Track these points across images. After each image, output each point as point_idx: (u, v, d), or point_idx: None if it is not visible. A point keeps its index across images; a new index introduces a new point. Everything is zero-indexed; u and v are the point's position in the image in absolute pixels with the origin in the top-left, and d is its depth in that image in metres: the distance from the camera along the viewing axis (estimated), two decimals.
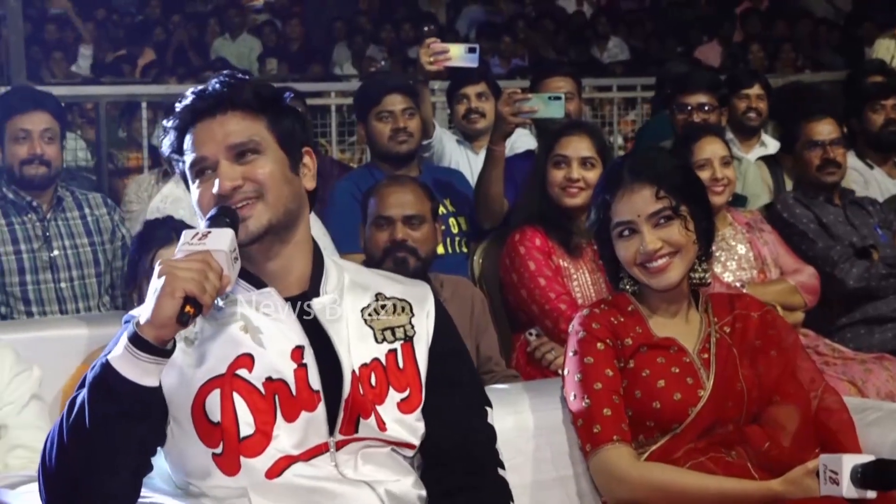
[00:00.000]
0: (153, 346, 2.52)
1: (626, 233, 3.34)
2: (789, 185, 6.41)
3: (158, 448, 2.73)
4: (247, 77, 2.86)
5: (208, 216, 2.65)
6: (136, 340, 2.52)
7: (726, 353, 3.38)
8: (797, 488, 3.10)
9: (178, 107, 2.80)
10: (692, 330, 3.43)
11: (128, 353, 2.53)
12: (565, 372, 3.41)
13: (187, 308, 2.49)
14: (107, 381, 2.54)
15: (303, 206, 2.83)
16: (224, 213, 2.66)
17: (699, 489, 3.19)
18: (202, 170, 2.74)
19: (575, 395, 3.34)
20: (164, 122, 2.84)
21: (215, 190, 2.70)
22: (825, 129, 5.76)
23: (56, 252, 5.16)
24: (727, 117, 7.02)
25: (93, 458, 2.55)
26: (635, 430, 3.31)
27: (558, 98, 5.34)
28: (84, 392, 2.57)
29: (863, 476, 2.99)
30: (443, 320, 2.95)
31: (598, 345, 3.35)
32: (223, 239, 2.57)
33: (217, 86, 2.78)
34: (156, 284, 2.50)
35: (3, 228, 5.14)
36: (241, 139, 2.74)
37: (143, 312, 2.53)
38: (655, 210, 3.32)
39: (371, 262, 4.51)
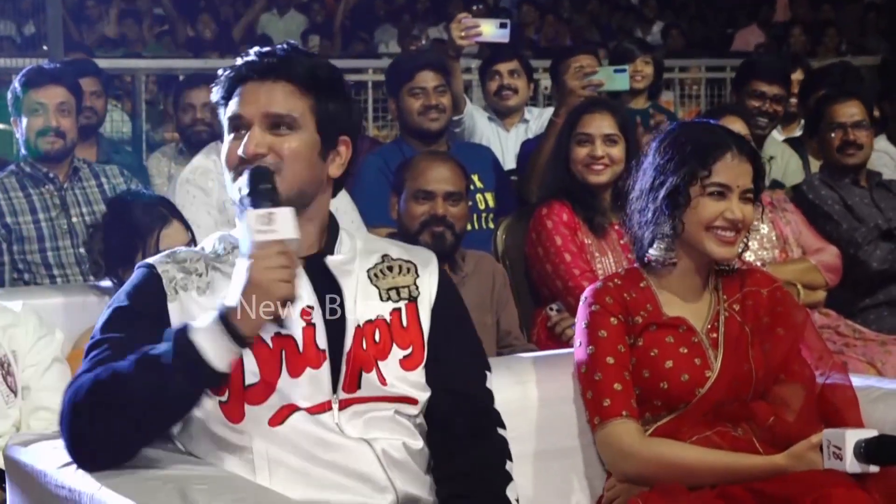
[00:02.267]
0: (238, 334, 2.58)
1: (717, 195, 3.35)
2: (815, 166, 6.42)
3: None
4: (311, 52, 2.92)
5: (249, 185, 2.65)
6: (224, 323, 2.58)
7: (736, 333, 3.40)
8: (801, 462, 3.13)
9: (239, 61, 2.86)
10: (702, 308, 3.44)
11: (216, 326, 2.59)
12: (576, 343, 3.43)
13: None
14: (183, 355, 2.59)
15: (320, 191, 2.87)
16: (261, 179, 2.67)
17: (704, 464, 3.21)
18: (237, 126, 2.81)
19: (586, 368, 3.36)
20: (221, 70, 2.89)
21: (240, 151, 2.77)
22: (848, 112, 5.73)
23: (74, 219, 5.26)
24: None
25: (130, 417, 2.62)
26: (642, 408, 3.34)
27: (623, 70, 5.52)
28: (157, 359, 2.61)
29: (866, 451, 3.02)
30: (446, 284, 3.02)
31: (612, 319, 3.37)
32: (288, 222, 2.59)
33: (279, 52, 2.84)
34: (245, 289, 2.55)
35: (21, 200, 5.24)
36: (280, 110, 2.79)
37: (234, 305, 2.58)
38: (748, 188, 3.36)
39: (406, 235, 4.53)
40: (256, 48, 2.88)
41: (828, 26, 13.20)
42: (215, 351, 2.58)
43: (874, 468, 3.04)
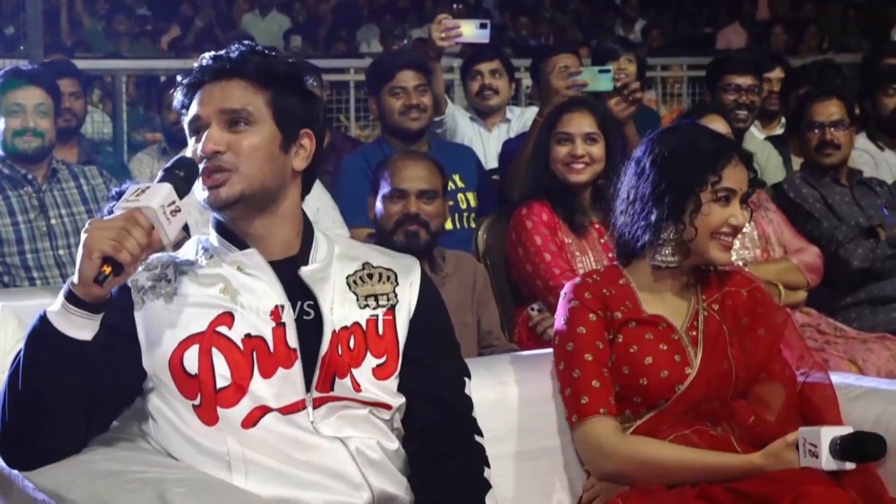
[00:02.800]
0: (84, 302, 2.61)
1: (724, 200, 3.35)
2: (797, 164, 6.43)
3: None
4: (265, 50, 2.91)
5: (164, 167, 2.71)
6: (70, 297, 2.62)
7: (715, 332, 3.39)
8: (777, 461, 3.14)
9: (194, 66, 2.87)
10: (681, 307, 3.44)
11: (62, 308, 2.63)
12: (555, 340, 3.43)
13: (104, 268, 2.55)
14: (41, 332, 2.64)
15: (285, 184, 2.86)
16: (180, 166, 2.71)
17: (681, 462, 3.22)
18: (197, 128, 2.82)
19: (564, 365, 3.36)
20: (179, 77, 2.91)
21: (199, 150, 2.78)
22: (827, 111, 5.73)
23: (53, 221, 5.25)
24: None
25: (33, 404, 2.66)
26: (622, 405, 3.33)
27: (607, 71, 5.53)
28: (23, 342, 2.68)
29: (841, 448, 3.04)
30: (427, 292, 3.01)
31: (591, 315, 3.36)
32: (157, 194, 2.61)
33: (232, 53, 2.85)
34: (81, 248, 2.59)
35: None
36: (235, 106, 2.79)
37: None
38: (746, 192, 3.39)
39: (381, 235, 4.57)
40: (211, 52, 2.89)
41: (809, 24, 13.24)
42: (69, 325, 2.62)
43: (850, 465, 3.06)
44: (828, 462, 3.05)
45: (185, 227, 4.13)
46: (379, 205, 4.61)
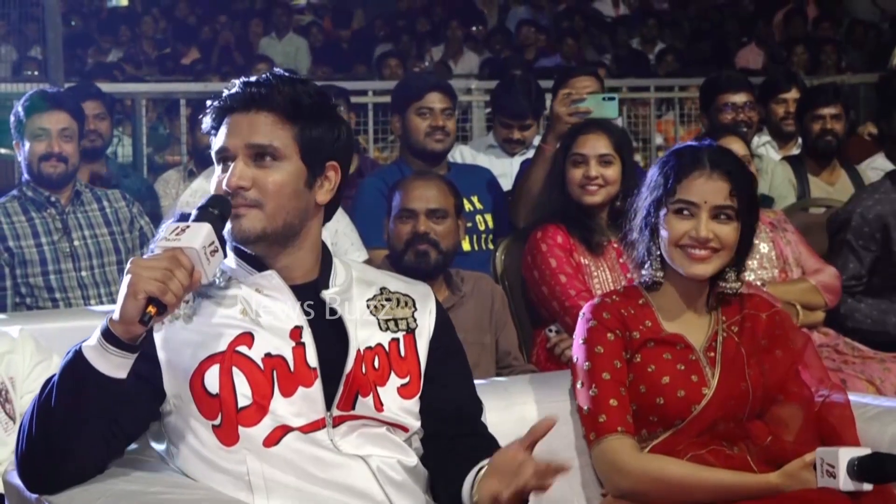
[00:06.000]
0: (122, 342, 2.61)
1: (685, 212, 3.35)
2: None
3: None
4: (295, 78, 2.91)
5: (198, 206, 2.72)
6: (108, 334, 2.61)
7: (733, 353, 3.41)
8: (794, 481, 3.15)
9: (225, 92, 2.88)
10: (700, 328, 3.46)
11: (99, 345, 2.62)
12: (574, 359, 3.44)
13: (149, 308, 2.55)
14: (77, 369, 2.64)
15: (308, 219, 2.88)
16: (214, 204, 2.72)
17: (698, 481, 3.23)
18: (223, 159, 2.84)
19: (582, 383, 3.38)
20: (209, 101, 2.92)
21: (224, 184, 2.80)
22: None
23: (76, 242, 5.30)
24: (764, 120, 7.05)
25: (60, 435, 2.66)
26: (638, 424, 3.35)
27: (612, 98, 5.46)
28: (56, 373, 2.68)
29: (859, 469, 3.03)
30: (443, 319, 3.06)
31: (609, 335, 3.38)
32: (198, 235, 2.61)
33: (262, 81, 2.86)
34: (124, 283, 2.58)
35: (24, 224, 5.28)
36: (262, 141, 2.81)
37: (116, 308, 2.61)
38: (723, 205, 3.35)
39: (393, 255, 4.60)
40: (242, 78, 2.90)
41: (825, 44, 13.23)
42: (107, 365, 2.62)
43: (868, 486, 3.05)
44: (845, 483, 3.04)
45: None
46: (391, 225, 4.64)
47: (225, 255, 2.72)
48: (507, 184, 6.13)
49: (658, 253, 3.42)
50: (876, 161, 6.47)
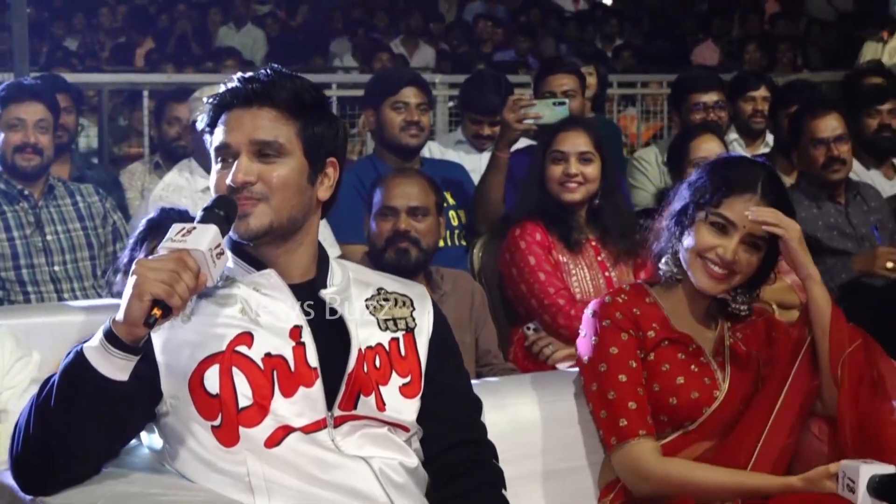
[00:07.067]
0: (125, 344, 2.58)
1: (720, 228, 3.33)
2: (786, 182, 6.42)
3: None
4: (293, 74, 2.89)
5: (204, 206, 2.68)
6: (110, 336, 2.58)
7: (740, 359, 3.43)
8: (815, 487, 3.13)
9: (223, 87, 2.85)
10: (707, 332, 3.47)
11: (101, 346, 2.59)
12: (584, 359, 3.42)
13: (155, 310, 2.52)
14: (78, 370, 2.60)
15: (310, 214, 2.88)
16: (220, 205, 2.70)
17: (720, 484, 3.23)
18: (225, 156, 2.81)
19: (597, 385, 3.36)
20: (205, 97, 2.88)
21: (228, 180, 2.77)
22: (830, 126, 5.68)
23: (49, 237, 5.25)
24: (732, 118, 7.06)
25: (58, 437, 2.63)
26: None
27: (562, 103, 5.38)
28: (56, 374, 2.64)
29: (879, 486, 3.00)
30: (440, 320, 3.06)
31: (623, 335, 3.37)
32: (205, 237, 2.59)
33: (262, 78, 2.83)
34: (130, 284, 2.55)
35: None
36: (266, 137, 2.79)
37: (119, 309, 2.57)
38: (757, 234, 3.33)
39: (374, 252, 4.57)
40: (239, 74, 2.87)
41: (782, 42, 13.29)
42: (109, 367, 2.59)
43: None
44: (864, 499, 3.01)
45: None
46: (372, 223, 4.61)
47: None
48: (476, 180, 6.11)
49: (676, 251, 3.40)
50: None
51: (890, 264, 5.48)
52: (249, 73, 2.86)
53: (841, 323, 3.36)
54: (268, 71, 2.86)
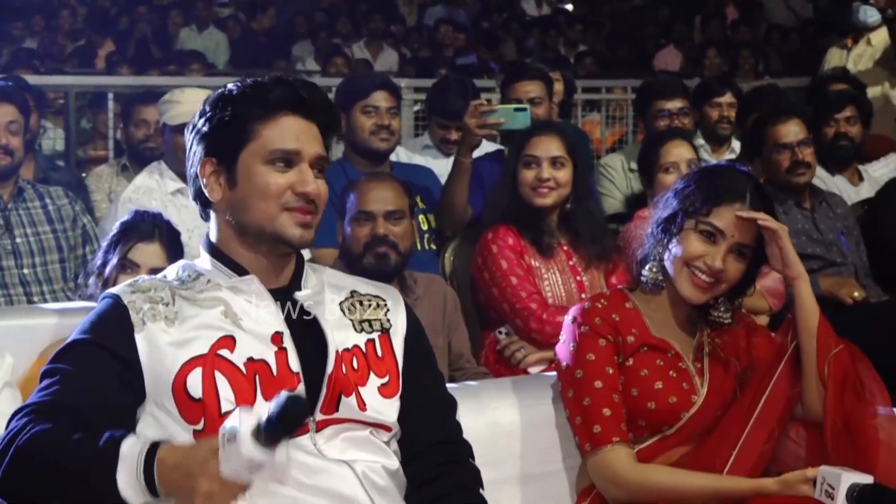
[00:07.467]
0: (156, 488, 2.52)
1: (708, 236, 3.35)
2: None
3: None
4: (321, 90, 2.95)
5: (281, 407, 2.41)
6: (149, 473, 2.50)
7: (718, 365, 3.44)
8: (791, 491, 3.14)
9: (263, 86, 2.84)
10: (687, 338, 3.47)
11: (137, 480, 2.51)
12: (563, 365, 3.42)
13: None
14: (100, 480, 2.53)
15: None
16: (299, 415, 2.46)
17: (695, 488, 3.24)
18: (287, 160, 2.81)
19: (574, 392, 3.36)
20: (232, 88, 2.86)
21: (305, 188, 2.80)
22: (793, 131, 5.74)
23: (19, 240, 5.23)
24: (698, 123, 7.09)
25: (48, 484, 2.58)
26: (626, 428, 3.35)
27: (524, 109, 5.37)
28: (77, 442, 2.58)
29: (859, 497, 3.01)
30: (413, 321, 3.08)
31: (601, 341, 3.37)
32: (277, 472, 2.46)
33: (311, 90, 2.86)
34: (197, 491, 2.46)
35: None
36: (323, 153, 2.86)
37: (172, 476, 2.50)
38: (745, 243, 3.35)
39: (350, 258, 4.55)
40: (290, 78, 2.89)
41: (741, 48, 13.33)
42: (132, 494, 2.52)
43: None
44: None
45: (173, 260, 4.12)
46: (347, 228, 4.59)
47: None
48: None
49: (661, 258, 3.41)
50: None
51: (856, 294, 5.53)
52: (300, 81, 2.89)
53: (828, 325, 3.38)
54: (305, 82, 2.90)
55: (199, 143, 2.87)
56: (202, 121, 2.88)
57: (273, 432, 2.40)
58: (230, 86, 2.88)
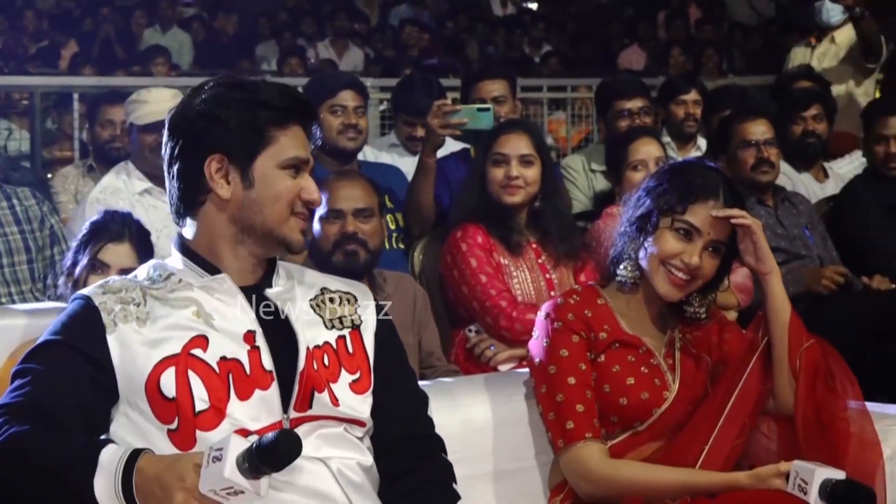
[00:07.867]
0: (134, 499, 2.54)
1: (684, 234, 3.36)
2: None
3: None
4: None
5: (273, 442, 2.47)
6: (127, 484, 2.53)
7: (689, 361, 3.45)
8: (763, 485, 3.15)
9: (278, 95, 2.86)
10: (658, 334, 3.49)
11: (115, 493, 2.53)
12: (536, 361, 3.43)
13: None
14: (78, 480, 2.55)
15: None
16: (293, 451, 2.50)
17: (666, 482, 3.25)
18: (297, 167, 2.86)
19: (546, 388, 3.37)
20: (244, 95, 2.85)
21: (312, 196, 2.87)
22: (759, 129, 5.79)
23: None
24: (664, 122, 7.10)
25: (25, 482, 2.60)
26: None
27: (487, 109, 5.37)
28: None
29: (832, 492, 3.02)
30: (384, 317, 3.09)
31: (574, 337, 3.38)
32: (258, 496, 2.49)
33: (300, 97, 2.93)
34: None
35: None
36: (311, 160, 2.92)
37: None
38: (720, 240, 3.37)
39: (320, 256, 4.55)
40: (288, 86, 2.93)
41: (706, 47, 13.38)
42: (105, 496, 2.54)
43: None
44: (816, 502, 3.03)
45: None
46: (316, 226, 4.59)
47: None
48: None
49: (636, 257, 3.42)
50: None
51: (831, 283, 5.59)
52: (286, 85, 2.94)
53: (799, 319, 3.41)
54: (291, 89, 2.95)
55: (203, 137, 2.84)
56: (209, 116, 2.84)
57: (259, 464, 2.43)
58: (240, 87, 2.87)
